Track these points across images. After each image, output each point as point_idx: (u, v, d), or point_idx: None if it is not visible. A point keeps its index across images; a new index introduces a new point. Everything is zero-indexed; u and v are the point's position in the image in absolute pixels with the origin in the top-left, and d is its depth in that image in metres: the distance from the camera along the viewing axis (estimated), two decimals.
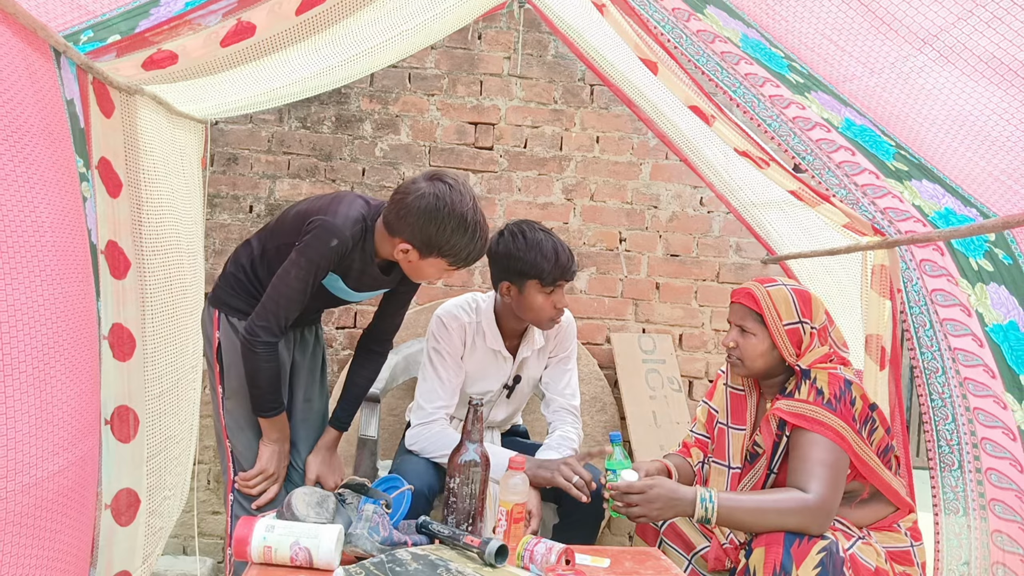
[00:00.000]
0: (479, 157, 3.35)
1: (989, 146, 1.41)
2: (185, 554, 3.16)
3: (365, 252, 1.91)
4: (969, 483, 1.96)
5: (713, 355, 3.43)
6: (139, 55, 1.55)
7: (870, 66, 1.41)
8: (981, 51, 1.19)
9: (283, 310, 1.87)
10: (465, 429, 1.82)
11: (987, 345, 1.81)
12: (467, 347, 2.33)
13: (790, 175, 2.18)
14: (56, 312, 1.19)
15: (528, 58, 3.35)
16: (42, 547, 1.16)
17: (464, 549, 1.60)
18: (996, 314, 1.75)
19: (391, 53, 2.37)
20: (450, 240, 1.80)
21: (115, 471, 1.65)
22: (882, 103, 1.52)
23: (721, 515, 1.71)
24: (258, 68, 1.90)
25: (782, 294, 1.88)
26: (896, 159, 1.74)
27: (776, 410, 1.82)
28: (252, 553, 1.51)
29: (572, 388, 2.43)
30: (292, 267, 1.85)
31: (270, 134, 3.28)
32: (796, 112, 1.87)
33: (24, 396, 1.10)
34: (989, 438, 1.87)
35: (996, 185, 1.53)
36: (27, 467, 1.11)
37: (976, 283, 1.79)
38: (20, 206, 1.10)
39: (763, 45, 1.67)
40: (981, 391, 1.87)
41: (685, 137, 2.53)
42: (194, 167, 2.49)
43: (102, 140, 1.54)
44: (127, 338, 1.68)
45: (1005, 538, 1.85)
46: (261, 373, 1.90)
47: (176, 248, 2.18)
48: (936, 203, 1.78)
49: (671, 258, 3.41)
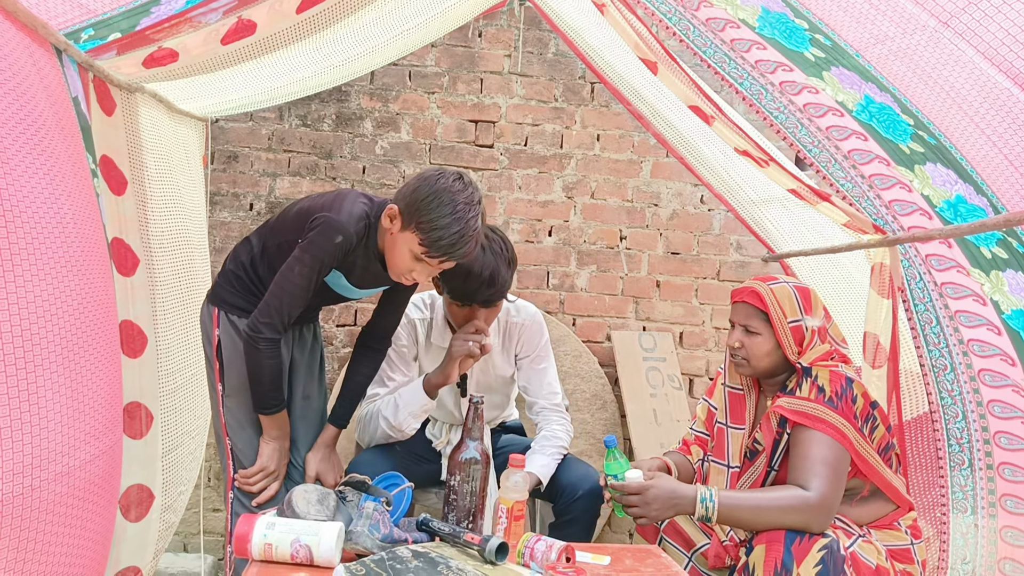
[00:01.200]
0: (479, 155, 3.35)
1: (1009, 124, 1.40)
2: (186, 551, 3.16)
3: (368, 249, 1.91)
4: (979, 481, 1.96)
5: (714, 353, 3.43)
6: (140, 53, 1.55)
7: (903, 27, 1.40)
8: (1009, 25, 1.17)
9: (286, 307, 1.87)
10: (466, 427, 1.82)
11: (1005, 333, 1.80)
12: (420, 344, 2.32)
13: (789, 175, 2.18)
14: (82, 303, 1.20)
15: (529, 56, 3.35)
16: (72, 535, 1.17)
17: (464, 546, 1.60)
18: (1014, 299, 1.74)
19: (391, 51, 2.37)
20: (431, 215, 1.74)
21: (126, 467, 1.66)
22: (912, 67, 1.50)
23: (722, 513, 1.72)
24: (258, 66, 1.90)
25: (785, 291, 1.87)
26: (913, 140, 1.71)
27: (777, 408, 1.82)
28: (253, 550, 1.51)
29: (552, 386, 2.37)
30: (296, 264, 1.85)
31: (270, 132, 3.28)
32: (808, 98, 1.85)
33: (54, 386, 1.11)
34: (1004, 431, 1.86)
35: (1009, 172, 1.52)
36: (59, 456, 1.12)
37: (991, 271, 1.78)
38: (42, 199, 1.11)
39: (785, 17, 1.64)
40: (999, 381, 1.86)
41: (683, 137, 2.53)
42: (196, 164, 2.49)
43: (103, 138, 1.54)
44: (137, 335, 1.69)
45: (1016, 532, 1.85)
46: (264, 370, 1.90)
47: (184, 245, 2.19)
48: (947, 191, 1.76)
49: (672, 256, 3.41)
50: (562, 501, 2.20)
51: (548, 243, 3.38)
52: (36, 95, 1.15)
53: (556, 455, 2.26)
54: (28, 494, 1.04)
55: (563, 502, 2.20)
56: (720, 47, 1.91)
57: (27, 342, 1.05)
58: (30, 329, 1.06)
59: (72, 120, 1.30)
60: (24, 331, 1.05)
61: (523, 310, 2.36)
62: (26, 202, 1.07)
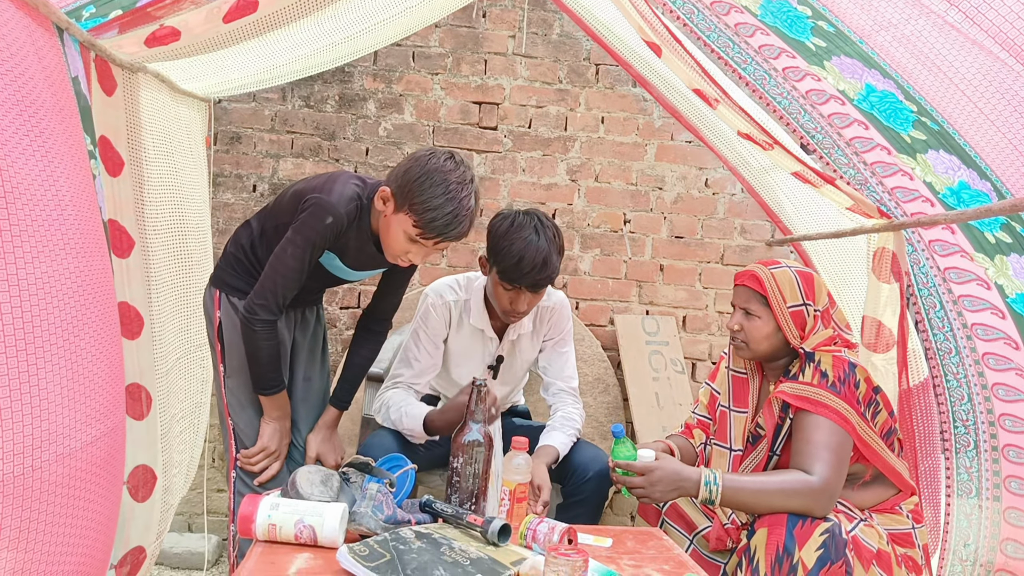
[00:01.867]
0: (483, 137, 3.33)
1: (1013, 109, 1.39)
2: (190, 531, 3.18)
3: (361, 230, 1.91)
4: (984, 463, 1.97)
5: (716, 337, 3.42)
6: (142, 31, 1.54)
7: (907, 13, 1.40)
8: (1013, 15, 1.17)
9: (280, 288, 1.87)
10: (469, 409, 1.82)
11: (1009, 316, 1.81)
12: (452, 326, 2.33)
13: (793, 157, 2.16)
14: (82, 284, 1.20)
15: (533, 37, 3.32)
16: (76, 516, 1.18)
17: (467, 528, 1.61)
18: (1019, 283, 1.74)
19: (394, 28, 2.35)
20: (424, 195, 1.73)
21: (131, 448, 1.66)
22: (916, 54, 1.50)
23: (725, 496, 1.72)
24: (260, 44, 1.89)
25: (786, 276, 1.87)
26: (915, 127, 1.71)
27: (780, 393, 1.82)
28: (257, 531, 1.52)
29: (570, 370, 2.43)
30: (288, 245, 1.85)
31: (273, 113, 3.26)
32: (810, 85, 1.84)
33: (55, 367, 1.11)
34: (1009, 413, 1.87)
35: (1014, 157, 1.52)
36: (60, 437, 1.12)
37: (995, 255, 1.78)
38: (40, 180, 1.11)
39: (787, 4, 1.63)
40: (1003, 364, 1.86)
41: (698, 111, 2.49)
42: (199, 145, 2.48)
43: (102, 118, 1.53)
44: (134, 316, 1.69)
45: (1018, 513, 1.86)
46: (261, 351, 1.91)
47: (181, 226, 2.18)
48: (950, 177, 1.75)
49: (675, 240, 3.40)
50: (573, 482, 2.22)
51: None
52: (34, 76, 1.14)
53: (573, 435, 2.30)
54: (29, 474, 1.04)
55: (574, 483, 2.22)
56: (724, 31, 1.89)
57: (27, 323, 1.05)
58: (30, 311, 1.06)
59: (71, 101, 1.30)
60: (24, 312, 1.05)
61: (553, 295, 2.40)
62: (25, 183, 1.06)
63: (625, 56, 2.52)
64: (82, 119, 1.39)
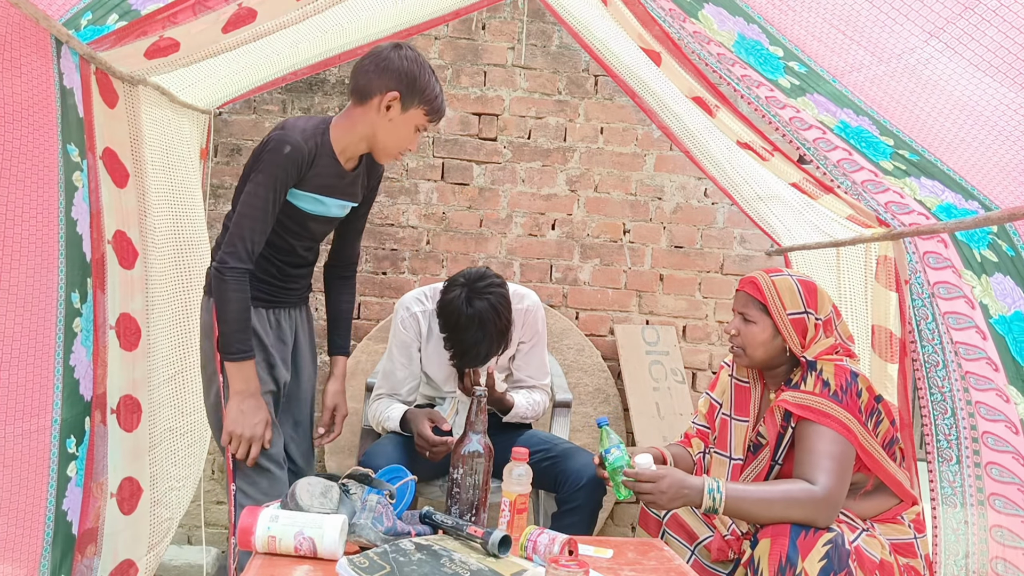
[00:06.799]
0: (483, 148, 3.34)
1: (996, 136, 1.40)
2: (190, 544, 3.17)
3: (331, 157, 1.91)
4: (967, 477, 1.96)
5: (717, 347, 3.42)
6: (141, 43, 1.54)
7: (878, 55, 1.41)
8: (988, 41, 1.18)
9: (248, 232, 1.82)
10: (468, 420, 1.82)
11: (991, 338, 1.80)
12: (424, 336, 2.41)
13: (794, 165, 2.17)
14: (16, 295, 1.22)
15: (532, 48, 3.33)
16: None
17: (467, 539, 1.60)
18: (1001, 305, 1.74)
19: (391, 23, 2.40)
20: (429, 82, 1.85)
21: (120, 460, 1.66)
22: (888, 92, 1.52)
23: (728, 506, 1.71)
24: (257, 47, 1.91)
25: (787, 283, 1.87)
26: (893, 159, 1.72)
27: (781, 402, 1.81)
28: (256, 543, 1.51)
29: (542, 368, 2.52)
30: (253, 187, 1.83)
31: (274, 125, 3.27)
32: (792, 113, 1.88)
33: None
34: (991, 432, 1.87)
35: (1001, 176, 1.52)
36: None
37: (980, 274, 1.78)
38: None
39: (760, 45, 1.65)
40: (983, 385, 1.86)
41: (689, 131, 2.52)
42: (194, 157, 2.49)
43: (105, 130, 1.54)
44: (134, 328, 1.69)
45: (1006, 532, 1.85)
46: (230, 304, 1.82)
47: (180, 237, 2.19)
48: (936, 198, 1.77)
49: (675, 250, 3.40)
50: (565, 489, 2.22)
51: (551, 237, 3.37)
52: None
53: (534, 406, 2.45)
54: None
55: (566, 490, 2.22)
56: (708, 57, 1.93)
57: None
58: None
59: (49, 112, 1.29)
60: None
61: (526, 297, 2.45)
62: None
63: (619, 72, 2.54)
64: (73, 131, 1.38)
